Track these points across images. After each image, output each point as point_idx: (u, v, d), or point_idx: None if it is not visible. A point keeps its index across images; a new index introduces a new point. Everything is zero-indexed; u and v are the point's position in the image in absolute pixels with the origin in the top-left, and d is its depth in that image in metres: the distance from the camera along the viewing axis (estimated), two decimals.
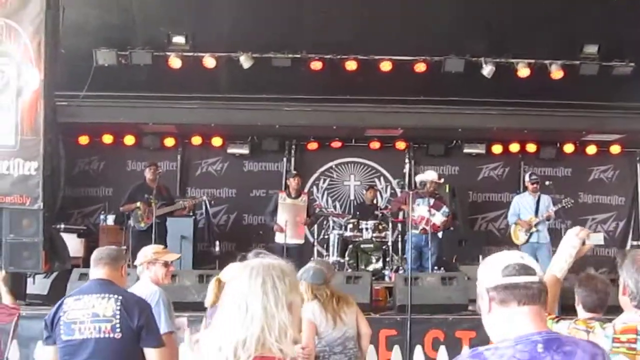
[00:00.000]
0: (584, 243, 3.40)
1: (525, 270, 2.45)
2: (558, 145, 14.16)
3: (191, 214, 12.85)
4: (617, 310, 3.26)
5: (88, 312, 4.28)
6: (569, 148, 14.13)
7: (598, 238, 3.42)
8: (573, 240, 3.40)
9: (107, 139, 13.81)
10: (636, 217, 14.36)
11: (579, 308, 4.95)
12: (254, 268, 2.58)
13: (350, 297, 6.23)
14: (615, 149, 14.18)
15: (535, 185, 11.47)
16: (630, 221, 14.37)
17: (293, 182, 12.03)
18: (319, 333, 5.85)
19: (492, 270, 2.50)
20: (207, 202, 12.78)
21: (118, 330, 4.25)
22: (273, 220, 11.91)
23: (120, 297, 4.31)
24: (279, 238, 11.66)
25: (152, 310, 4.53)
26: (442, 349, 8.35)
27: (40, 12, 9.01)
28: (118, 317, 4.26)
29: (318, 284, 5.97)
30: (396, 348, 7.50)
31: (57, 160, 9.70)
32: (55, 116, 9.38)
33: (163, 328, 5.09)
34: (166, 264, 5.68)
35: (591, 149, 14.17)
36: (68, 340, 4.30)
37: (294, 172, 13.01)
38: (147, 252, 5.71)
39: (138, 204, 11.20)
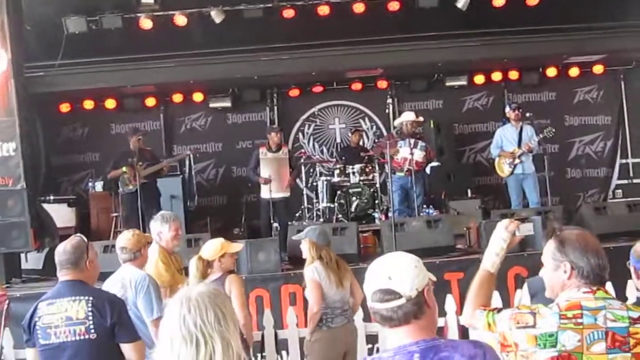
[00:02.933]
0: (514, 234, 3.40)
1: (389, 295, 2.51)
2: (540, 70, 14.02)
3: (178, 172, 12.89)
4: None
5: (62, 316, 4.33)
6: (551, 72, 14.00)
7: (528, 228, 3.44)
8: (503, 234, 3.40)
9: (89, 104, 13.75)
10: (623, 135, 14.33)
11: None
12: (200, 301, 2.51)
13: (345, 263, 6.38)
14: (598, 69, 14.07)
15: (516, 113, 11.43)
16: (618, 139, 14.33)
17: (275, 137, 11.91)
18: (323, 294, 6.00)
19: (366, 290, 2.60)
20: (190, 157, 12.72)
21: (92, 331, 4.31)
22: (256, 175, 11.89)
23: (90, 298, 4.35)
24: (264, 193, 11.65)
25: (124, 305, 4.58)
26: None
27: None
28: (91, 318, 4.31)
29: (322, 244, 6.11)
30: None
31: (35, 137, 9.74)
32: (27, 94, 9.37)
33: (155, 313, 5.21)
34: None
35: (574, 71, 14.06)
36: (46, 345, 4.37)
37: (275, 126, 12.93)
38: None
39: (124, 168, 11.21)
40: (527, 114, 11.35)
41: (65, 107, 13.74)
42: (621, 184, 14.20)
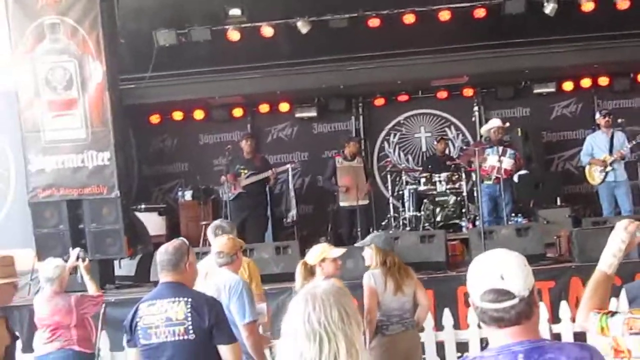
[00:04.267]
0: (634, 236, 3.26)
1: (503, 295, 2.44)
2: (632, 75, 13.64)
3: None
4: None
5: (162, 317, 4.45)
6: None
7: None
8: (622, 234, 3.26)
9: (178, 115, 14.08)
10: None
11: None
12: (325, 300, 2.55)
13: (410, 269, 6.35)
14: None
15: (607, 120, 11.17)
16: None
17: (353, 147, 12.14)
18: (379, 301, 6.00)
19: (473, 290, 2.52)
20: (290, 169, 12.65)
21: (191, 332, 4.41)
22: (332, 184, 12.10)
23: (190, 300, 4.46)
24: (343, 201, 11.82)
25: (221, 308, 4.67)
26: None
27: (95, 5, 9.26)
28: (190, 319, 4.41)
29: (387, 250, 6.13)
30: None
31: (129, 147, 10.04)
32: (121, 105, 9.67)
33: (248, 317, 5.31)
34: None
35: None
36: (146, 345, 4.49)
37: (352, 136, 13.08)
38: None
39: (227, 176, 11.47)
40: (619, 120, 11.10)
41: (155, 119, 14.10)
42: None
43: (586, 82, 13.77)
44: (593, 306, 3.17)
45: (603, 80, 13.76)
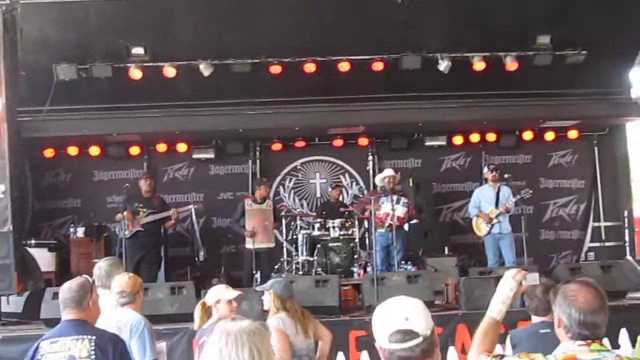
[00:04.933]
0: (520, 284, 3.53)
1: (409, 335, 2.67)
2: (517, 133, 14.37)
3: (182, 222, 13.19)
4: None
5: (65, 355, 4.42)
6: (527, 135, 14.34)
7: (534, 278, 3.55)
8: (510, 283, 3.53)
9: (73, 150, 13.85)
10: (596, 199, 14.66)
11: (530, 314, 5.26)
12: (238, 337, 2.69)
13: (307, 311, 6.52)
14: (572, 134, 14.44)
15: (494, 174, 11.76)
16: (591, 203, 14.65)
17: (263, 191, 12.29)
18: (290, 343, 6.09)
19: (380, 332, 2.73)
20: (193, 210, 12.64)
21: None
22: (240, 227, 12.14)
23: (93, 337, 4.46)
24: (249, 243, 11.85)
25: (125, 346, 4.71)
26: None
27: None
28: (93, 357, 4.42)
29: (285, 297, 6.27)
30: (364, 353, 7.72)
31: (24, 181, 9.85)
32: (19, 138, 9.50)
33: (148, 356, 5.36)
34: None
35: (549, 135, 14.41)
36: None
37: (265, 180, 13.16)
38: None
39: (124, 213, 11.31)
40: (505, 175, 11.68)
41: (49, 153, 13.82)
42: (593, 247, 14.48)
43: (475, 137, 14.38)
44: (484, 349, 3.43)
45: (491, 136, 14.41)
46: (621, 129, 14.75)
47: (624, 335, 8.09)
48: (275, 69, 12.05)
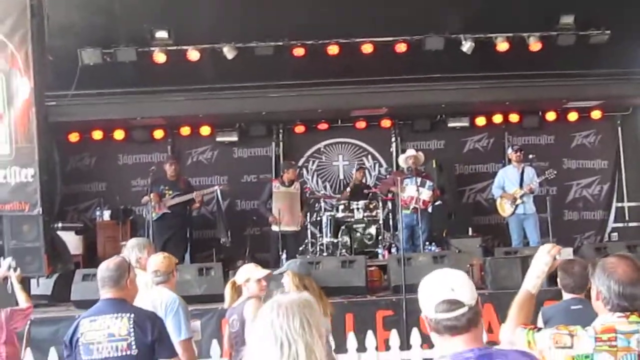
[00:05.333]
0: (555, 258, 3.59)
1: (455, 305, 2.73)
2: (540, 114, 14.36)
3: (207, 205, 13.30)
4: None
5: (104, 333, 4.50)
6: (551, 116, 14.32)
7: (568, 253, 3.63)
8: (545, 258, 3.59)
9: (97, 135, 13.99)
10: (619, 179, 14.63)
11: (562, 290, 5.30)
12: (289, 308, 2.75)
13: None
14: (596, 115, 14.39)
15: (518, 155, 11.77)
16: (614, 183, 14.63)
17: (291, 174, 12.33)
18: None
19: (427, 303, 2.80)
20: (218, 192, 12.72)
21: (134, 347, 4.49)
22: (267, 209, 12.23)
23: (132, 315, 4.54)
24: (275, 226, 11.95)
25: (162, 323, 4.78)
26: None
27: (26, 22, 9.20)
28: (132, 334, 4.49)
29: (303, 274, 6.27)
30: (394, 332, 7.75)
31: (53, 164, 9.95)
32: (47, 122, 9.60)
33: (183, 334, 5.43)
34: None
35: (572, 116, 14.37)
36: None
37: (292, 162, 13.18)
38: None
39: (151, 195, 11.46)
40: (530, 156, 11.67)
41: (74, 137, 13.95)
42: (617, 227, 14.45)
43: (498, 118, 14.36)
44: (520, 322, 3.48)
45: (514, 117, 14.39)
46: None
47: None
48: (299, 52, 12.05)
